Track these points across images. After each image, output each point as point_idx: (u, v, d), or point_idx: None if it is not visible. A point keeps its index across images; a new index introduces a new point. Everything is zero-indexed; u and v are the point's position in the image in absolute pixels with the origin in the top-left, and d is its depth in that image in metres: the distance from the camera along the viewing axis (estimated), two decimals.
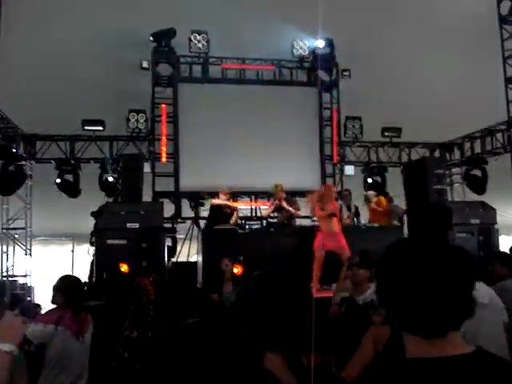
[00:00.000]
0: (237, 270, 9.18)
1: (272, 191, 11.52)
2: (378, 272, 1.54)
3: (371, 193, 12.51)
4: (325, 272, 9.12)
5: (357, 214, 12.13)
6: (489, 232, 11.18)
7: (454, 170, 16.18)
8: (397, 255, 1.51)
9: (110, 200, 12.85)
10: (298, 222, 12.55)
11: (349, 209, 12.15)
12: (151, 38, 13.88)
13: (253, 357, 1.79)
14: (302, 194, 14.20)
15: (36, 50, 13.55)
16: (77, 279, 5.16)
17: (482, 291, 4.44)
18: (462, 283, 1.44)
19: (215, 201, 11.06)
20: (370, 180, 15.69)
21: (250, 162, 13.94)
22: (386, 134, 15.62)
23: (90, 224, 11.40)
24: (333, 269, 8.68)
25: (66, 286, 4.83)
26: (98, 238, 10.01)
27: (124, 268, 9.06)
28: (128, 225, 9.78)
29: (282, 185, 11.31)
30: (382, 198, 12.29)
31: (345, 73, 15.16)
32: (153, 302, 4.07)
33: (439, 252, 1.46)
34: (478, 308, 4.17)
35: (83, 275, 12.53)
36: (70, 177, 13.85)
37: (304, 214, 11.82)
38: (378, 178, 15.77)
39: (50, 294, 4.90)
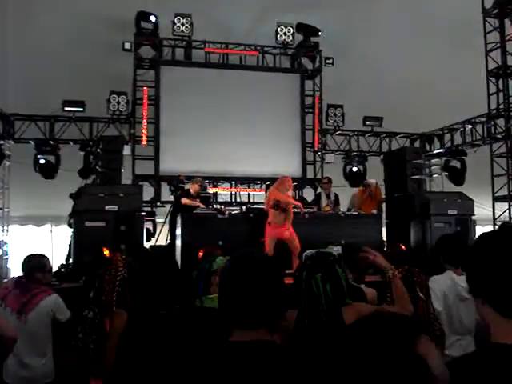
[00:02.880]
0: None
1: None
2: (476, 266, 1.61)
3: (372, 181, 12.55)
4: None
5: (336, 202, 12.16)
6: (466, 223, 11.28)
7: (433, 160, 16.28)
8: (491, 249, 1.60)
9: (89, 182, 12.76)
10: None
11: (328, 197, 12.17)
12: (135, 20, 13.75)
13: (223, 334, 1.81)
14: None
15: (18, 30, 13.38)
16: (35, 257, 5.06)
17: (466, 284, 4.45)
18: None
19: (186, 201, 10.91)
20: (355, 169, 15.73)
21: (230, 147, 13.93)
22: (368, 123, 15.71)
23: (68, 205, 11.31)
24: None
25: (22, 263, 4.85)
26: (76, 219, 9.93)
27: (106, 252, 9.01)
28: (107, 207, 9.71)
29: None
30: (379, 190, 12.40)
31: (328, 61, 15.15)
32: (120, 278, 4.07)
33: None
34: (459, 301, 4.19)
35: (61, 257, 12.49)
36: (48, 157, 13.72)
37: None
38: (358, 167, 15.85)
39: None
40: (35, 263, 4.89)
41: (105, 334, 3.90)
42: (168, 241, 11.78)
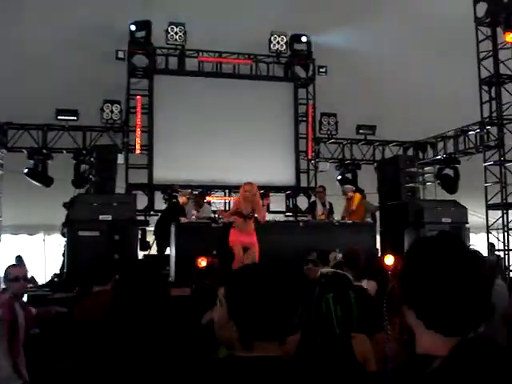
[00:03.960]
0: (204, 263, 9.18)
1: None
2: (405, 271, 1.56)
3: (348, 187, 12.55)
4: None
5: (331, 211, 12.15)
6: (460, 231, 11.28)
7: (426, 168, 16.32)
8: (422, 256, 1.53)
9: (82, 191, 12.71)
10: (273, 216, 12.66)
11: (323, 205, 12.16)
12: (128, 28, 13.76)
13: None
14: (277, 188, 14.33)
15: (10, 38, 13.35)
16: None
17: None
18: (484, 285, 1.47)
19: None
20: (339, 177, 15.74)
21: (224, 156, 13.92)
22: (361, 131, 15.73)
23: (61, 214, 11.27)
24: None
25: None
26: (69, 229, 9.88)
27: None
28: (100, 217, 9.66)
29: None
30: (356, 197, 12.30)
31: (321, 69, 15.20)
32: None
33: (464, 255, 1.50)
34: None
35: (54, 266, 12.45)
36: (41, 166, 13.68)
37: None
38: (351, 175, 15.86)
39: None
40: None
41: None
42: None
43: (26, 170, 13.47)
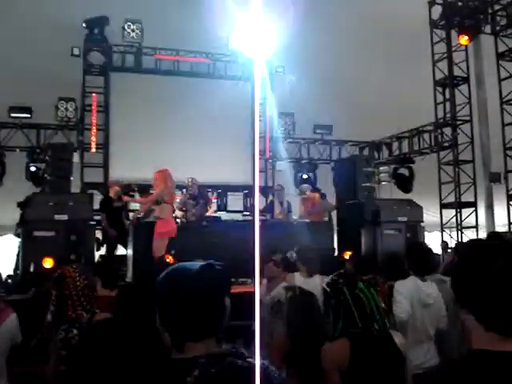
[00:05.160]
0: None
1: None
2: (458, 272, 1.60)
3: (305, 186, 12.63)
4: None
5: (289, 210, 12.21)
6: (415, 229, 11.48)
7: (382, 168, 16.53)
8: (476, 257, 1.58)
9: (37, 190, 12.44)
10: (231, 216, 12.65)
11: (281, 204, 12.21)
12: (84, 25, 13.51)
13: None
14: (234, 188, 14.31)
15: None
16: None
17: (430, 290, 4.48)
18: None
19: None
20: (305, 176, 15.83)
21: (181, 155, 13.80)
22: (318, 131, 15.82)
23: (13, 214, 10.99)
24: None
25: None
26: (24, 229, 9.64)
27: (49, 263, 8.75)
28: (56, 216, 9.45)
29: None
30: (317, 196, 12.39)
31: (279, 69, 15.23)
32: (81, 287, 3.90)
33: None
34: (422, 307, 4.17)
35: (7, 267, 12.14)
36: None
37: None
38: (309, 174, 15.96)
39: None
40: None
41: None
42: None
43: None
